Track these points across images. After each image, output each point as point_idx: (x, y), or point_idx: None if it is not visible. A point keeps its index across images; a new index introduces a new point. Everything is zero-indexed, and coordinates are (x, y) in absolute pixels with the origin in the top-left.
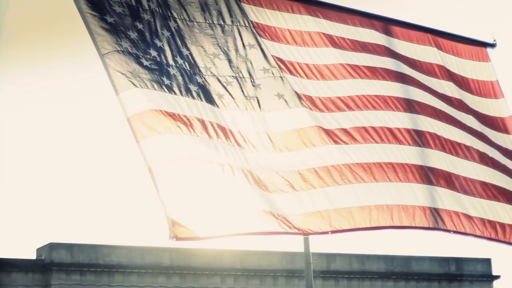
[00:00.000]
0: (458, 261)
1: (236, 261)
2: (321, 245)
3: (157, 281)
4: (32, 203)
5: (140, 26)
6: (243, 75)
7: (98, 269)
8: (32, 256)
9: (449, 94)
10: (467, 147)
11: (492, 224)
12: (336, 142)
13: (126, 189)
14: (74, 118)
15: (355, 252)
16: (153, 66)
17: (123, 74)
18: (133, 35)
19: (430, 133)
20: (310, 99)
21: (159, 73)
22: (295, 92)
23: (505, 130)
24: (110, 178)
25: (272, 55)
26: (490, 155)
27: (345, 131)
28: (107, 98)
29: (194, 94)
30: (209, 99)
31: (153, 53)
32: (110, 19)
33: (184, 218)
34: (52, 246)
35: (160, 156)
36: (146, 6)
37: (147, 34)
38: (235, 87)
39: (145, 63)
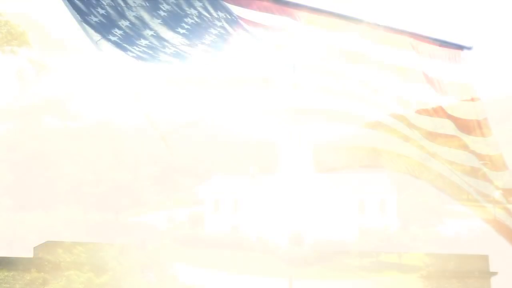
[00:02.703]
0: (456, 258)
1: None
2: None
3: None
4: (29, 202)
5: (126, 23)
6: None
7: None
8: (30, 254)
9: (425, 100)
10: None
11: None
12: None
13: (124, 188)
14: (71, 119)
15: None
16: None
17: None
18: (119, 31)
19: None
20: (312, 66)
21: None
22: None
23: (481, 134)
24: (108, 176)
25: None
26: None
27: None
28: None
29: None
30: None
31: (144, 42)
32: (94, 19)
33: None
34: (49, 245)
35: None
36: (132, 3)
37: (134, 28)
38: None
39: (134, 53)
